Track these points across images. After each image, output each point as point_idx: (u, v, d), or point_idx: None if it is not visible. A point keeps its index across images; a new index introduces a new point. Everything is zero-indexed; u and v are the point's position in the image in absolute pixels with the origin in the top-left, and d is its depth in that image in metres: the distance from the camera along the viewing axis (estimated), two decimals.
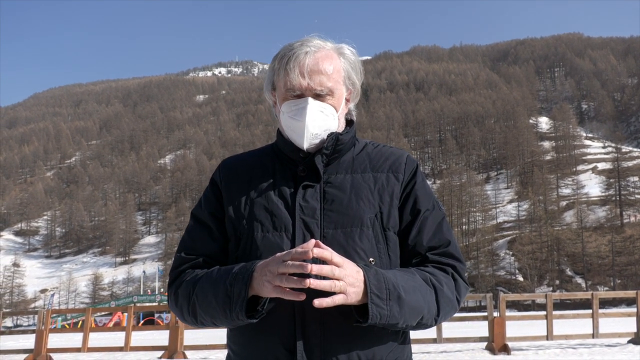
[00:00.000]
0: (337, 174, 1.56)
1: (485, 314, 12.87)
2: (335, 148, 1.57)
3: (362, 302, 1.34)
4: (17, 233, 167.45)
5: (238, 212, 1.54)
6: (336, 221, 1.48)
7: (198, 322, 1.47)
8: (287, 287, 1.29)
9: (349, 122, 1.68)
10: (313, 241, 1.31)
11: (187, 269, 1.54)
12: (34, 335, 13.60)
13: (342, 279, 1.30)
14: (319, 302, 1.28)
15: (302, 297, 1.29)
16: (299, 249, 1.30)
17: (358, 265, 1.36)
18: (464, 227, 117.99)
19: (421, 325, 1.45)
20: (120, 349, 13.64)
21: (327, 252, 1.30)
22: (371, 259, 1.46)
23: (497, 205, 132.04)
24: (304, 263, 1.27)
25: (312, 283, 1.26)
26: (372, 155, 1.62)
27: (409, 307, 1.37)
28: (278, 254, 1.33)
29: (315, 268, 1.26)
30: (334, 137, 1.55)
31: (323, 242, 1.41)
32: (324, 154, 1.55)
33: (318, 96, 1.54)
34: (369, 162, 1.60)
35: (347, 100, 1.65)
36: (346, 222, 1.48)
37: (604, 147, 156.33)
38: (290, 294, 1.30)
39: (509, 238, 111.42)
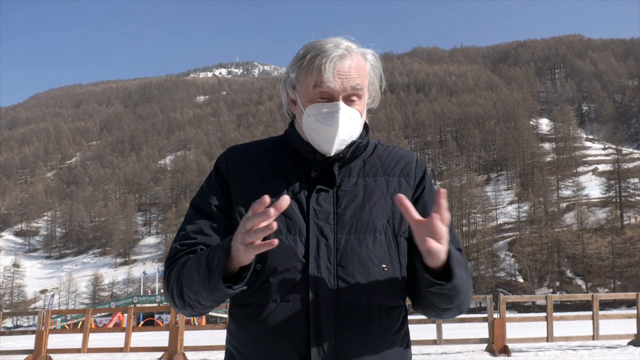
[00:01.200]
0: (350, 177, 1.54)
1: (486, 315, 12.86)
2: (353, 154, 1.56)
3: (437, 266, 1.35)
4: (18, 233, 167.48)
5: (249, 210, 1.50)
6: (350, 226, 1.48)
7: (185, 303, 1.45)
8: (256, 240, 1.27)
9: (364, 126, 1.64)
10: (267, 200, 1.25)
11: (182, 255, 1.50)
12: (34, 336, 13.60)
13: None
14: (429, 245, 1.28)
15: (276, 242, 1.26)
16: (255, 204, 1.26)
17: None
18: (464, 228, 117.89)
19: (459, 308, 1.47)
20: (120, 349, 13.64)
21: (447, 210, 1.30)
22: (384, 266, 1.46)
23: (497, 207, 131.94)
24: (267, 209, 1.24)
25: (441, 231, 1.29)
26: (383, 158, 1.60)
27: (467, 284, 1.42)
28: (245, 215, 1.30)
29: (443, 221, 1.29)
30: (354, 146, 1.55)
31: (336, 247, 1.45)
32: (340, 160, 1.54)
33: (347, 100, 1.52)
34: (381, 165, 1.58)
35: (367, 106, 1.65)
36: (359, 228, 1.48)
37: (604, 149, 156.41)
38: (263, 246, 1.27)
39: (509, 239, 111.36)
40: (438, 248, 1.29)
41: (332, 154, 1.52)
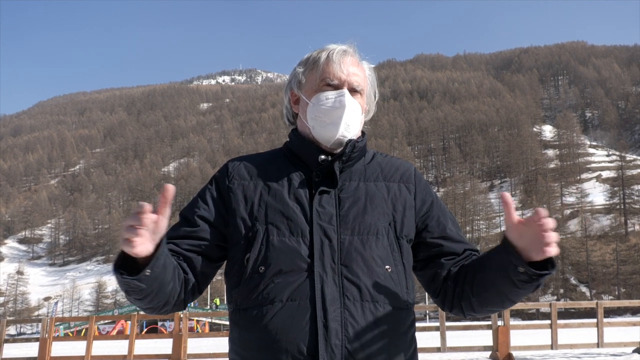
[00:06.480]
0: (351, 181, 1.57)
1: (490, 322, 12.81)
2: (351, 155, 1.57)
3: (532, 259, 1.36)
4: (21, 241, 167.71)
5: (251, 214, 1.53)
6: (352, 228, 1.49)
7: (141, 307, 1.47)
8: (129, 237, 1.28)
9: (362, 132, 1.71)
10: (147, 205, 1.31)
11: None
12: (37, 344, 13.60)
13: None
14: (547, 252, 1.30)
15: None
16: (137, 208, 1.30)
17: None
18: (467, 235, 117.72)
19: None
20: (123, 357, 13.61)
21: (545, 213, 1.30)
22: (387, 267, 1.48)
23: (500, 214, 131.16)
24: (141, 206, 1.29)
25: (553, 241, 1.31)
26: (383, 164, 1.64)
27: None
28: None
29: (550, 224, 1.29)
30: (351, 144, 1.57)
31: (340, 248, 1.47)
32: (341, 160, 1.56)
33: (352, 92, 1.59)
34: (381, 171, 1.62)
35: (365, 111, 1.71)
36: (362, 229, 1.49)
37: (608, 156, 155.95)
38: (135, 242, 1.28)
39: None
40: (554, 253, 1.32)
41: (336, 137, 1.56)
